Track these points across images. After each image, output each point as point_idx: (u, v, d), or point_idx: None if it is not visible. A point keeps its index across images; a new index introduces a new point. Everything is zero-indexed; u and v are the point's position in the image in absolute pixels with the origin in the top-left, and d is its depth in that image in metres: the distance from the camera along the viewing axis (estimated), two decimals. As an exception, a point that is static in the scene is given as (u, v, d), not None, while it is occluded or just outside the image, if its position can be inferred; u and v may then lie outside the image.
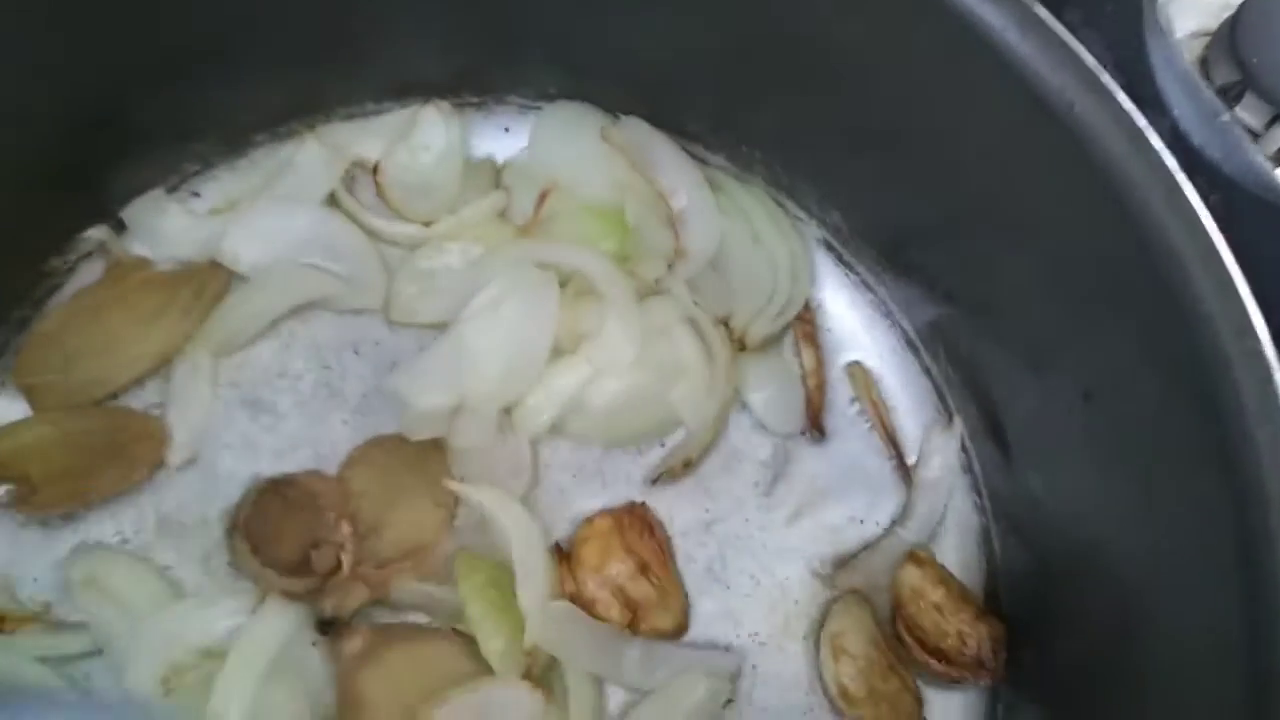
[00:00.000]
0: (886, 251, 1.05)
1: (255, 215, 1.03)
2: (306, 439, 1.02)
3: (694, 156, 1.06)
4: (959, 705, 1.00)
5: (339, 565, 0.93)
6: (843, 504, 1.04)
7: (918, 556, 0.99)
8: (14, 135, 0.91)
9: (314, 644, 0.93)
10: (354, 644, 0.92)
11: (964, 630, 0.96)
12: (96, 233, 1.02)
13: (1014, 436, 1.01)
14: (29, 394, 0.99)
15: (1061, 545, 0.97)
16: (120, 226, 1.03)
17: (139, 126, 0.98)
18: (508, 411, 1.01)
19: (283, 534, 0.92)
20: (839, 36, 0.88)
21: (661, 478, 1.02)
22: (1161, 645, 0.82)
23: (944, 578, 0.98)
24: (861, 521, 1.04)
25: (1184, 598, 0.79)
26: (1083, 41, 0.77)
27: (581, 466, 1.03)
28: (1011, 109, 0.79)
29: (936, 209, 0.96)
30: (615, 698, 0.97)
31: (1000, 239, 0.92)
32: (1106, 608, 0.90)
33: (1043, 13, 0.77)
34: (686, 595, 0.99)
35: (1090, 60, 0.76)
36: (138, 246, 1.04)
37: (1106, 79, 0.76)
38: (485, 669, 0.92)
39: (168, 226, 1.03)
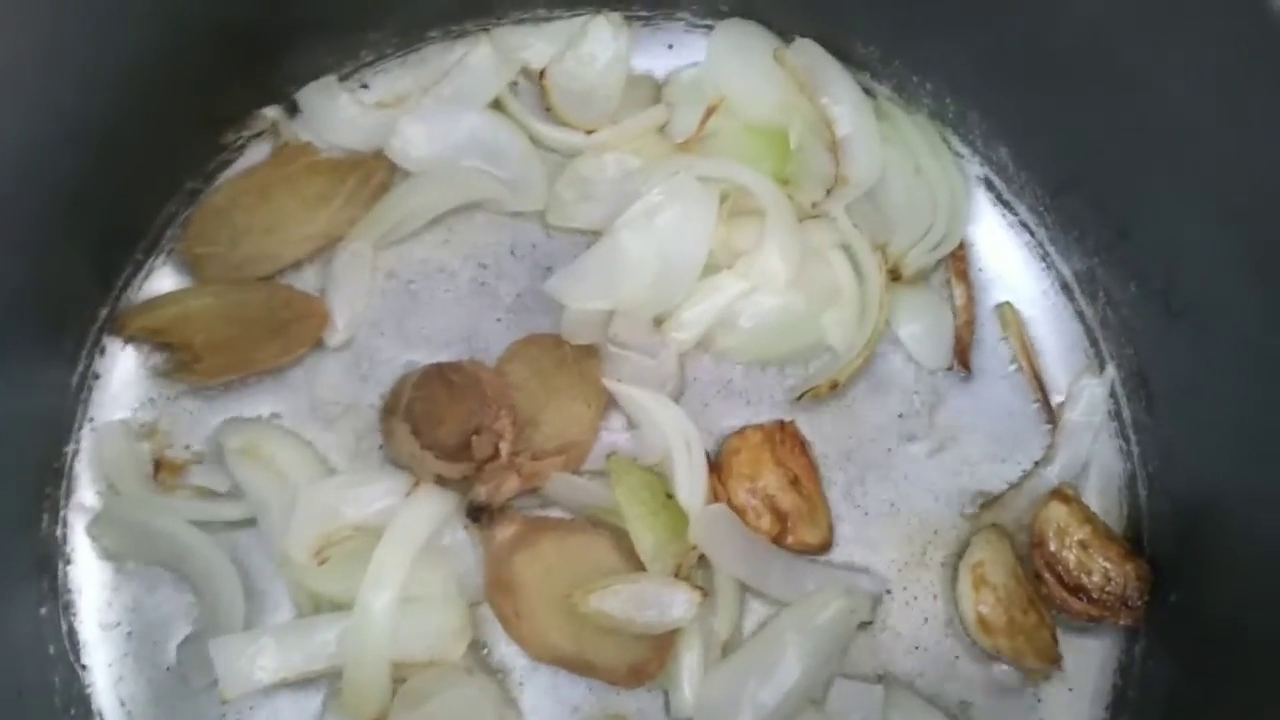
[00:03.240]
0: (1052, 192, 1.04)
1: (424, 112, 1.04)
2: (460, 333, 1.02)
3: (861, 85, 1.05)
4: (1094, 650, 1.00)
5: (497, 453, 0.93)
6: (985, 441, 1.03)
7: (1064, 494, 0.98)
8: (201, 7, 0.93)
9: (465, 528, 0.94)
10: (507, 529, 0.93)
11: (1109, 568, 0.95)
12: (271, 112, 1.03)
13: (1161, 387, 1.01)
14: (196, 264, 1.01)
15: (1208, 498, 0.96)
16: (293, 109, 1.04)
17: (320, 8, 0.99)
18: (658, 323, 1.01)
19: (446, 418, 0.93)
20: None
21: (805, 396, 1.01)
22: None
23: (1089, 516, 0.98)
24: (1003, 460, 1.03)
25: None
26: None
27: (725, 383, 1.03)
28: (1227, 39, 0.78)
29: (1115, 150, 0.95)
30: (753, 615, 0.97)
31: (1178, 187, 0.91)
32: (1255, 563, 0.90)
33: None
34: (831, 514, 1.00)
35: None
36: (304, 132, 1.05)
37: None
38: (632, 564, 0.93)
39: (336, 114, 1.04)
